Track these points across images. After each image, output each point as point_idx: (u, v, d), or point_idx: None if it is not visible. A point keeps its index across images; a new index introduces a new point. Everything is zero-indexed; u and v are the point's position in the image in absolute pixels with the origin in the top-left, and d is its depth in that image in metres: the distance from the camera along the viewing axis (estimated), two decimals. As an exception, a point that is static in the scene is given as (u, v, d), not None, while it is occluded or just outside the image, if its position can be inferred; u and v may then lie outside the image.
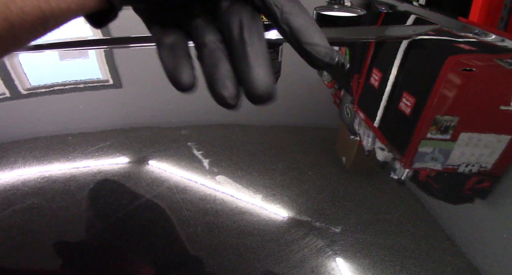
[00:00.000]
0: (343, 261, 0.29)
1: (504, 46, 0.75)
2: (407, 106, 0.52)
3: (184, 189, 0.35)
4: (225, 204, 0.33)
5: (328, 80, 0.65)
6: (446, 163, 0.41)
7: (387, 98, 0.55)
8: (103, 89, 0.54)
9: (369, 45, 0.78)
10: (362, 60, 0.72)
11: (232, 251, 0.29)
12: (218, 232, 0.30)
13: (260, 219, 0.32)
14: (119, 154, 0.39)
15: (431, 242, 0.31)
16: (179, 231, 0.31)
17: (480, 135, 0.46)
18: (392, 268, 0.28)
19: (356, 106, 0.54)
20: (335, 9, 0.84)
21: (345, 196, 0.35)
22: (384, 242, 0.30)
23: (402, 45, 0.75)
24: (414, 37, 0.78)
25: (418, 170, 0.40)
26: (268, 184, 0.36)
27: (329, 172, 0.39)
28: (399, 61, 0.68)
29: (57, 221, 0.32)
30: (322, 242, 0.30)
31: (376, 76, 0.62)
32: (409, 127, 0.48)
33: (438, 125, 0.47)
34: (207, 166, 0.38)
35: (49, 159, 0.38)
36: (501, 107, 0.52)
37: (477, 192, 0.38)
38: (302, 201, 0.34)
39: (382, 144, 0.45)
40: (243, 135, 0.45)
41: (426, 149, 0.43)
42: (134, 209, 0.32)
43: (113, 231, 0.31)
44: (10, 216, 0.31)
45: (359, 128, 0.48)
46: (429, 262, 0.29)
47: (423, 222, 0.33)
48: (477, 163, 0.41)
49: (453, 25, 0.86)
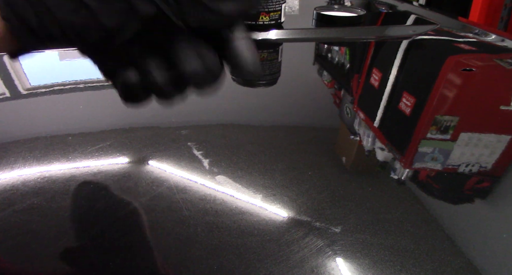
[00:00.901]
0: (343, 261, 0.29)
1: (504, 46, 0.75)
2: (407, 106, 0.52)
3: (184, 189, 0.35)
4: (225, 204, 0.33)
5: (328, 80, 0.65)
6: (446, 163, 0.41)
7: (387, 98, 0.55)
8: (103, 89, 0.54)
9: (369, 45, 0.78)
10: (362, 60, 0.72)
11: (232, 251, 0.29)
12: (218, 232, 0.30)
13: (260, 219, 0.32)
14: (119, 154, 0.39)
15: (431, 242, 0.31)
16: (179, 231, 0.31)
17: (480, 135, 0.46)
18: (392, 268, 0.28)
19: (356, 106, 0.54)
20: (335, 9, 0.84)
21: (345, 196, 0.35)
22: (384, 242, 0.30)
23: (402, 45, 0.75)
24: (414, 37, 0.78)
25: (418, 170, 0.40)
26: (268, 184, 0.36)
27: (329, 172, 0.39)
28: (399, 61, 0.68)
29: (57, 221, 0.32)
30: (322, 242, 0.30)
31: (376, 76, 0.62)
32: (409, 127, 0.48)
33: (438, 125, 0.47)
34: (207, 166, 0.38)
35: (49, 159, 0.38)
36: (501, 107, 0.52)
37: (477, 192, 0.38)
38: (302, 201, 0.34)
39: (382, 144, 0.45)
40: (243, 135, 0.45)
41: (426, 149, 0.43)
42: (133, 209, 0.32)
43: (113, 231, 0.31)
44: (10, 216, 0.31)
45: (359, 128, 0.48)
46: (429, 262, 0.29)
47: (423, 222, 0.33)
48: (477, 163, 0.41)
49: (453, 25, 0.86)
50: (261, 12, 0.72)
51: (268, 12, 0.73)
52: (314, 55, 0.74)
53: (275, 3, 0.72)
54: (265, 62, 0.67)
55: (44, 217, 0.32)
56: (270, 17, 0.73)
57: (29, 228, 0.31)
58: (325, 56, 0.73)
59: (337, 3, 1.01)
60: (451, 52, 0.73)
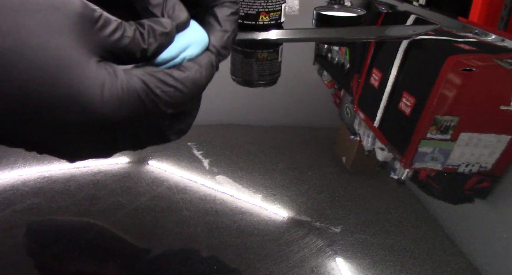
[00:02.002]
0: (343, 261, 0.29)
1: (504, 46, 0.75)
2: (407, 106, 0.52)
3: (184, 189, 0.35)
4: (225, 204, 0.33)
5: (328, 80, 0.65)
6: (446, 163, 0.41)
7: (387, 98, 0.55)
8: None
9: (369, 45, 0.78)
10: (362, 60, 0.72)
11: (232, 251, 0.29)
12: (218, 232, 0.30)
13: (260, 219, 0.32)
14: (119, 154, 0.39)
15: (431, 242, 0.31)
16: (179, 231, 0.31)
17: (480, 135, 0.46)
18: (392, 268, 0.28)
19: (356, 106, 0.54)
20: (335, 9, 0.84)
21: (345, 196, 0.35)
22: (384, 242, 0.30)
23: (402, 45, 0.75)
24: (414, 37, 0.78)
25: (418, 170, 0.40)
26: (268, 184, 0.36)
27: (329, 172, 0.39)
28: (399, 61, 0.68)
29: (57, 221, 0.32)
30: (322, 242, 0.30)
31: (376, 76, 0.62)
32: (409, 127, 0.48)
33: (438, 125, 0.47)
34: (207, 166, 0.38)
35: (49, 159, 0.38)
36: (501, 107, 0.52)
37: (477, 192, 0.38)
38: (302, 201, 0.34)
39: (382, 144, 0.45)
40: (243, 135, 0.45)
41: (426, 149, 0.43)
42: (134, 209, 0.32)
43: (113, 231, 0.31)
44: (10, 216, 0.31)
45: (359, 128, 0.48)
46: (429, 262, 0.29)
47: (423, 222, 0.33)
48: (477, 163, 0.41)
49: (453, 25, 0.86)
50: (261, 12, 0.72)
51: (268, 12, 0.73)
52: (314, 55, 0.74)
53: (275, 3, 0.73)
54: (265, 62, 0.67)
55: (44, 217, 0.32)
56: (270, 17, 0.73)
57: (29, 228, 0.31)
58: (325, 56, 0.73)
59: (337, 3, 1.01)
60: (451, 52, 0.73)
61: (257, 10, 0.72)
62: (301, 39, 0.76)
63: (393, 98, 0.55)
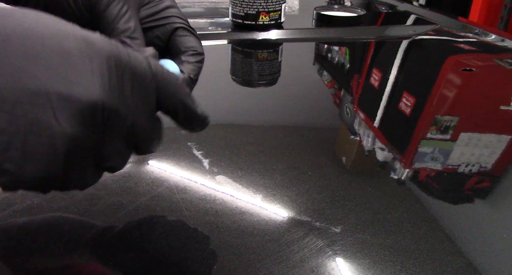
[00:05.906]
0: (343, 261, 0.29)
1: (504, 46, 0.75)
2: (407, 106, 0.52)
3: (184, 189, 0.35)
4: (225, 204, 0.33)
5: (328, 80, 0.65)
6: (446, 163, 0.41)
7: (387, 98, 0.55)
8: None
9: (369, 45, 0.78)
10: (362, 60, 0.72)
11: (232, 251, 0.29)
12: (218, 232, 0.30)
13: (260, 219, 0.32)
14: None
15: (431, 242, 0.31)
16: (179, 231, 0.31)
17: (480, 135, 0.46)
18: (392, 268, 0.28)
19: (356, 106, 0.54)
20: (335, 9, 0.84)
21: (345, 196, 0.35)
22: (384, 242, 0.30)
23: (402, 45, 0.75)
24: (414, 37, 0.78)
25: (418, 170, 0.40)
26: (268, 184, 0.36)
27: (329, 172, 0.39)
28: (399, 61, 0.68)
29: (57, 221, 0.32)
30: (322, 242, 0.30)
31: (376, 76, 0.62)
32: (409, 127, 0.48)
33: (438, 125, 0.47)
34: (207, 166, 0.38)
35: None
36: (501, 107, 0.52)
37: (477, 192, 0.38)
38: (302, 201, 0.34)
39: (382, 144, 0.45)
40: (243, 135, 0.45)
41: (426, 149, 0.43)
42: (134, 209, 0.32)
43: (113, 231, 0.31)
44: (10, 216, 0.31)
45: (359, 128, 0.48)
46: (429, 262, 0.29)
47: (423, 222, 0.33)
48: (477, 163, 0.41)
49: (453, 25, 0.86)
50: (261, 12, 0.72)
51: (268, 12, 0.73)
52: (314, 55, 0.74)
53: (275, 3, 0.73)
54: (265, 62, 0.67)
55: (44, 217, 0.32)
56: (270, 17, 0.73)
57: (29, 228, 0.31)
58: (325, 56, 0.73)
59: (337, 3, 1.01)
60: (451, 52, 0.73)
61: (257, 10, 0.72)
62: (301, 39, 0.77)
63: (393, 98, 0.55)
